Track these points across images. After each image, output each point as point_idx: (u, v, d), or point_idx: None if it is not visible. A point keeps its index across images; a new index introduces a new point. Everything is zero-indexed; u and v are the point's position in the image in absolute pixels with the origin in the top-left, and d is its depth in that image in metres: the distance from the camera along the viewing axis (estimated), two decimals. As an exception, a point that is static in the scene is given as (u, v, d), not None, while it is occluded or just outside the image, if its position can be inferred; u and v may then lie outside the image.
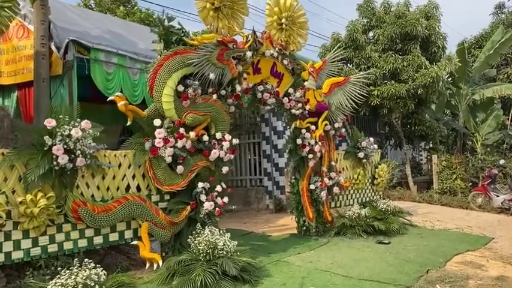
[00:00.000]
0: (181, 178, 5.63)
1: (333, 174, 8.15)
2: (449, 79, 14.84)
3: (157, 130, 5.33)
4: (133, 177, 5.37)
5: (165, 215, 5.44)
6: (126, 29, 8.26)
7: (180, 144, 5.46)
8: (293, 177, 7.97)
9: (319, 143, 7.73)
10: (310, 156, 7.56)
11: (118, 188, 5.19)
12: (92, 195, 4.95)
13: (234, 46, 6.05)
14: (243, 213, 11.14)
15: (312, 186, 7.76)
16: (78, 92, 6.61)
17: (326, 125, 7.95)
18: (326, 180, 7.94)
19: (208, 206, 5.73)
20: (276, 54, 7.05)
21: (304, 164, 7.72)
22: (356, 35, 12.48)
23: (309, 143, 7.58)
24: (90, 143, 4.62)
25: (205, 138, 5.88)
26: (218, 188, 5.91)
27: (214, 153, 5.85)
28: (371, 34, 13.67)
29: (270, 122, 11.04)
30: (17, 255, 4.33)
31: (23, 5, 6.78)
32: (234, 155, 6.30)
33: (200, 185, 5.74)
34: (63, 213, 4.64)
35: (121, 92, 6.84)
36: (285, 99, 7.28)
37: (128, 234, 5.26)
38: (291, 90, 7.35)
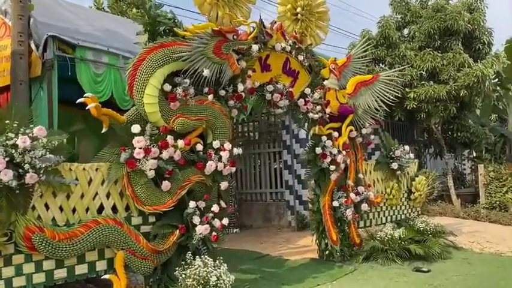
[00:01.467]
0: (168, 196, 4.65)
1: (360, 189, 6.98)
2: (496, 80, 13.27)
3: (136, 138, 4.36)
4: (108, 195, 4.42)
5: (147, 241, 4.46)
6: (125, 27, 7.44)
7: (165, 155, 4.49)
8: (313, 192, 6.86)
9: (343, 152, 6.59)
10: (332, 167, 6.43)
11: (88, 209, 4.25)
12: (53, 219, 4.02)
13: (235, 37, 5.05)
14: (262, 230, 10.07)
15: (336, 203, 6.61)
16: (67, 96, 5.76)
17: (351, 131, 6.81)
18: (352, 195, 6.78)
19: (202, 229, 4.72)
20: (288, 48, 6.01)
21: (325, 177, 6.59)
22: (389, 31, 11.22)
23: (331, 153, 6.45)
24: (44, 155, 3.69)
25: (199, 147, 4.88)
26: (215, 208, 4.88)
27: (210, 166, 4.84)
28: (406, 31, 12.36)
29: (291, 129, 9.94)
30: None
31: (4, 0, 6.05)
32: (238, 167, 5.29)
33: (192, 204, 4.74)
34: (13, 241, 3.73)
35: (112, 95, 5.99)
36: (301, 101, 6.20)
37: (101, 265, 4.30)
38: (307, 91, 6.27)
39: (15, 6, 5.67)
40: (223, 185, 5.01)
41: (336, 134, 6.59)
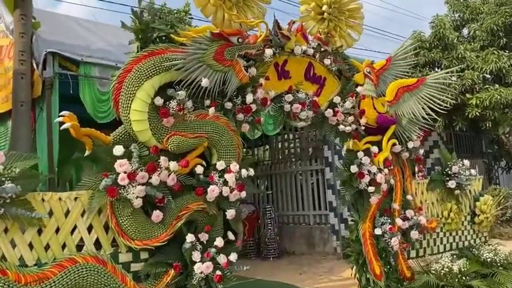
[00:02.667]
0: (162, 228, 3.95)
1: (409, 213, 5.90)
2: None
3: (119, 161, 3.72)
4: (91, 228, 3.80)
5: (135, 283, 3.78)
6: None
7: (155, 180, 3.81)
8: (351, 218, 5.89)
9: (385, 170, 5.58)
10: (371, 189, 5.43)
11: (64, 246, 3.66)
12: (21, 258, 3.46)
13: (240, 40, 4.32)
14: (305, 257, 9.12)
15: (378, 231, 5.58)
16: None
17: (394, 145, 5.79)
18: (399, 221, 5.72)
19: (203, 268, 3.96)
20: (311, 51, 5.17)
21: (364, 200, 5.61)
22: (444, 31, 9.98)
23: (369, 171, 5.46)
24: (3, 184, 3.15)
25: (199, 169, 4.16)
26: (218, 242, 4.10)
27: (212, 191, 4.09)
28: (465, 31, 11.04)
29: (332, 144, 8.97)
30: None
31: (11, 20, 5.79)
32: (249, 191, 4.50)
33: (190, 238, 4.00)
34: (-33, 287, 3.20)
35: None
36: (329, 112, 5.30)
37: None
38: (337, 99, 5.37)
39: (16, 24, 5.39)
40: (230, 213, 4.22)
41: (375, 149, 5.60)
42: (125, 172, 3.70)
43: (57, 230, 3.63)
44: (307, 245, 9.42)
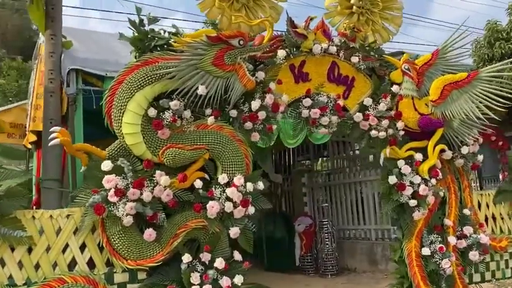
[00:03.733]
0: (158, 248, 3.71)
1: (467, 230, 5.06)
2: None
3: (106, 177, 3.55)
4: (84, 247, 3.67)
5: (127, 306, 3.56)
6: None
7: (146, 196, 3.58)
8: (395, 235, 5.19)
9: (432, 181, 4.82)
10: (413, 202, 4.71)
11: (55, 265, 3.56)
12: (10, 277, 3.42)
13: (242, 43, 3.96)
14: (366, 276, 8.34)
15: (426, 251, 4.83)
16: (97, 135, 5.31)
17: (443, 151, 4.99)
18: (452, 239, 4.92)
19: (203, 291, 3.64)
20: (334, 49, 4.65)
21: (407, 214, 4.89)
22: (526, 19, 8.68)
23: (412, 182, 4.75)
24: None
25: (198, 184, 3.84)
26: (218, 263, 3.74)
27: (211, 207, 3.76)
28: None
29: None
30: None
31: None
32: (261, 207, 4.09)
33: (186, 258, 3.70)
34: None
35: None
36: (358, 116, 4.70)
37: (74, 334, 3.53)
38: (368, 101, 4.75)
39: (47, 43, 5.54)
40: (233, 231, 3.85)
41: (419, 156, 4.86)
42: (113, 188, 3.52)
43: (48, 249, 3.55)
44: (369, 262, 8.61)
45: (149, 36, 4.05)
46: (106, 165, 3.60)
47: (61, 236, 3.59)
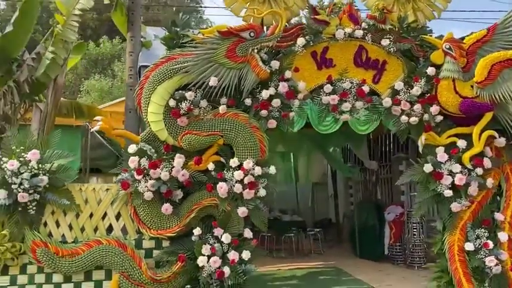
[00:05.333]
0: (176, 221, 4.26)
1: (527, 226, 4.50)
2: None
3: (131, 158, 4.21)
4: (119, 216, 4.42)
5: (147, 268, 4.18)
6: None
7: (163, 175, 4.14)
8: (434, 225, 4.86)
9: (477, 170, 4.40)
10: (448, 193, 4.38)
11: (96, 229, 4.38)
12: (63, 236, 4.34)
13: (252, 35, 4.21)
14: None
15: (469, 246, 4.46)
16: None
17: (493, 138, 4.49)
18: (503, 236, 4.44)
19: (211, 262, 4.08)
20: (360, 33, 4.53)
21: (446, 205, 4.55)
22: None
23: (451, 172, 4.42)
24: (35, 176, 4.05)
25: (211, 166, 4.26)
26: (224, 238, 4.12)
27: (220, 188, 4.15)
28: None
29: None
30: (-26, 294, 4.21)
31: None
32: (270, 189, 4.32)
33: (196, 231, 4.17)
34: (23, 252, 4.23)
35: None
36: (386, 101, 4.52)
37: (107, 285, 4.32)
38: (399, 86, 4.52)
39: (127, 44, 6.51)
40: (241, 210, 4.18)
41: (461, 143, 4.47)
42: (134, 168, 4.16)
43: (91, 216, 4.38)
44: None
45: (179, 34, 4.55)
46: (131, 148, 4.26)
47: (101, 206, 4.40)
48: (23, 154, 4.14)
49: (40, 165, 4.12)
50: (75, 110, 6.74)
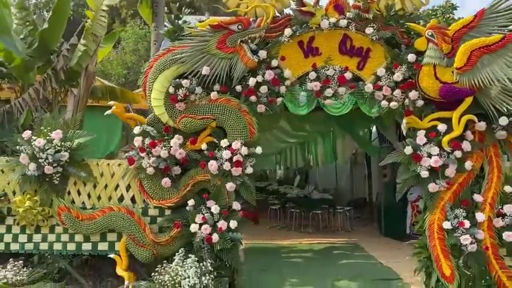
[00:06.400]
0: (175, 193, 4.89)
1: (508, 208, 4.65)
2: None
3: (136, 138, 4.87)
4: (129, 188, 5.13)
5: (150, 232, 4.87)
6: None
7: (162, 153, 4.76)
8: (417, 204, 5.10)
9: (455, 153, 4.60)
10: (425, 174, 4.63)
11: (110, 198, 5.12)
12: (83, 203, 5.13)
13: (240, 27, 4.66)
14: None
15: (447, 224, 4.70)
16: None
17: (473, 122, 4.64)
18: (480, 216, 4.64)
19: (202, 229, 4.68)
20: (345, 22, 4.81)
21: (426, 186, 4.79)
22: None
23: (429, 154, 4.65)
24: (54, 152, 4.84)
25: (204, 146, 4.82)
26: (213, 209, 4.69)
27: (211, 165, 4.71)
28: None
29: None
30: (14, 246, 5.12)
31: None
32: (258, 168, 4.81)
33: (190, 202, 4.78)
34: (51, 216, 5.07)
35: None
36: (368, 87, 4.80)
37: (118, 245, 5.06)
38: (381, 72, 4.78)
39: (152, 33, 7.17)
40: (229, 185, 4.72)
41: (442, 127, 4.67)
42: (138, 146, 4.82)
43: (106, 187, 5.12)
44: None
45: (180, 27, 5.09)
46: (136, 129, 4.91)
47: (114, 178, 5.13)
48: (49, 134, 4.94)
49: (62, 143, 4.90)
50: (109, 94, 7.55)
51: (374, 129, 10.41)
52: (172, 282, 4.23)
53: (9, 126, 6.04)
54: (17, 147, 4.92)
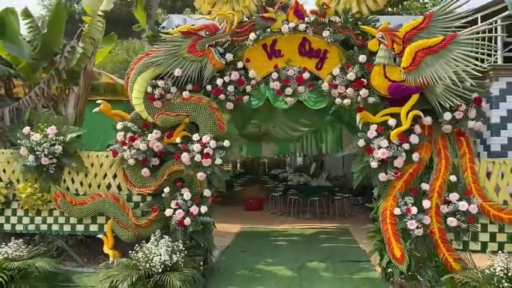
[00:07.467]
0: (154, 181, 5.53)
1: (453, 196, 5.07)
2: None
3: (118, 133, 5.51)
4: (115, 177, 5.78)
5: (132, 216, 5.52)
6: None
7: (142, 146, 5.38)
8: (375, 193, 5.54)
9: (403, 145, 5.02)
10: (374, 164, 5.08)
11: (99, 186, 5.80)
12: (76, 190, 5.83)
13: (208, 33, 5.19)
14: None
15: (397, 211, 5.15)
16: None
17: (419, 117, 5.04)
18: (426, 203, 5.07)
19: (176, 213, 5.29)
20: (303, 27, 5.27)
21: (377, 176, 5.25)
22: None
23: (379, 146, 5.10)
24: (50, 146, 5.53)
25: (178, 140, 5.41)
26: (185, 195, 5.29)
27: (184, 157, 5.29)
28: None
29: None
30: (19, 227, 5.89)
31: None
32: (226, 160, 5.37)
33: (166, 189, 5.39)
34: (49, 201, 5.80)
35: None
36: (324, 85, 5.26)
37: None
38: (335, 71, 5.22)
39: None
40: (199, 175, 5.30)
41: (392, 121, 5.09)
42: (121, 140, 5.46)
43: (95, 176, 5.81)
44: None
45: (159, 32, 5.66)
46: (119, 125, 5.54)
47: (102, 168, 5.80)
48: (45, 129, 5.64)
49: (57, 138, 5.60)
50: (111, 90, 8.24)
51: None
52: (146, 258, 4.85)
53: (18, 121, 6.79)
54: (18, 141, 5.65)
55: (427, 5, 8.99)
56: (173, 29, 5.56)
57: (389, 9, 12.11)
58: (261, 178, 19.69)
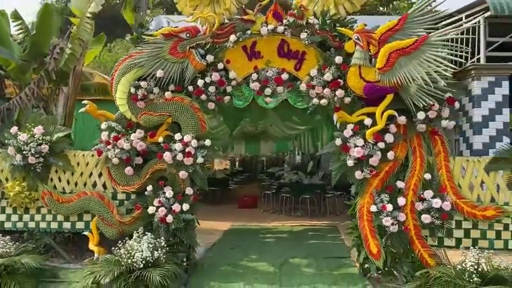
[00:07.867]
0: (137, 179, 5.67)
1: (428, 194, 5.20)
2: None
3: (103, 133, 5.65)
4: (101, 175, 5.93)
5: (117, 213, 5.67)
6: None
7: (125, 146, 5.52)
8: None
9: (379, 144, 5.15)
10: (350, 163, 5.21)
11: (85, 184, 5.95)
12: (63, 188, 5.98)
13: (188, 35, 5.32)
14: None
15: (373, 208, 5.29)
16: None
17: (394, 117, 5.16)
18: (402, 200, 5.21)
19: (159, 211, 5.44)
20: (281, 29, 5.41)
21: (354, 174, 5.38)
22: None
23: (355, 145, 5.23)
24: (36, 145, 5.68)
25: (160, 139, 5.55)
26: (168, 193, 5.43)
27: (166, 156, 5.43)
28: None
29: (465, 110, 7.67)
30: (8, 225, 6.05)
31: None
32: (207, 158, 5.50)
33: (149, 188, 5.53)
34: (37, 199, 5.96)
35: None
36: (302, 86, 5.39)
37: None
38: (313, 72, 5.35)
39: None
40: (181, 173, 5.44)
41: (368, 121, 5.22)
42: (105, 140, 5.61)
43: (81, 174, 5.96)
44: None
45: (144, 34, 5.80)
46: (103, 125, 5.69)
47: (88, 167, 5.95)
48: (32, 129, 5.79)
49: (44, 137, 5.75)
50: (102, 90, 8.39)
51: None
52: (128, 255, 4.99)
53: (8, 121, 6.94)
54: (6, 140, 5.80)
55: (414, 5, 9.05)
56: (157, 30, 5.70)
57: (381, 8, 12.25)
58: (258, 176, 19.83)
